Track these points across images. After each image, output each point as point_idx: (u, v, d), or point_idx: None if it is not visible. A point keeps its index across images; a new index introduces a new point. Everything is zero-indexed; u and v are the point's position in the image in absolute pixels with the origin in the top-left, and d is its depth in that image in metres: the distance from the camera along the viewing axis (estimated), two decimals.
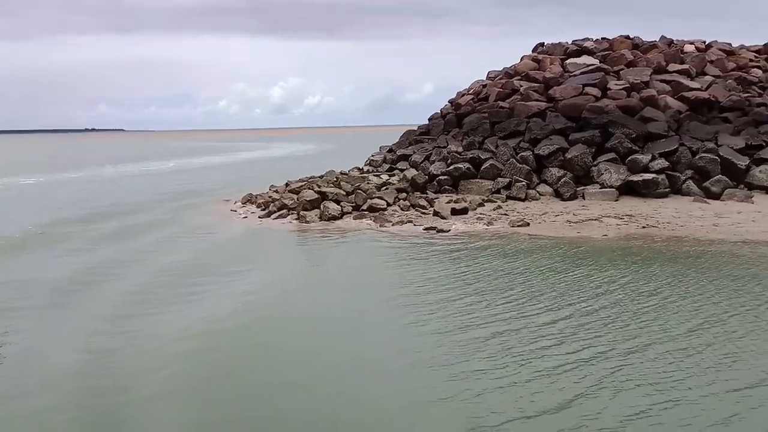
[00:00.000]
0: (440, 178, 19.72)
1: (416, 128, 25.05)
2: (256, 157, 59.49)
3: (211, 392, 6.47)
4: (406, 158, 22.21)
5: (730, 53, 25.99)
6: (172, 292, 10.31)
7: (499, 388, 6.40)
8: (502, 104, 21.74)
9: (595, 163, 18.74)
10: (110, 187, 29.15)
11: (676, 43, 25.03)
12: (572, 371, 6.75)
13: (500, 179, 18.96)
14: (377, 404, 6.17)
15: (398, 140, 25.15)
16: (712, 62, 24.70)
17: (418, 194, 19.17)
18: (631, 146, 18.66)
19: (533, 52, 25.34)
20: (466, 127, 21.92)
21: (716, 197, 17.65)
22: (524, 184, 18.43)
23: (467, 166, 19.48)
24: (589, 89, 20.98)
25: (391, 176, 21.42)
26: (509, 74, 24.04)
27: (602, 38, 24.30)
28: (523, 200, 18.23)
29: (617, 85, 21.05)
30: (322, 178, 23.13)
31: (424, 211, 17.71)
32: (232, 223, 17.78)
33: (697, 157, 18.45)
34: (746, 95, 22.99)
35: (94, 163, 52.72)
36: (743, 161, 18.68)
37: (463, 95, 24.91)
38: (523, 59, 24.71)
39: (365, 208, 18.01)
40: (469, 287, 10.28)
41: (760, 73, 25.26)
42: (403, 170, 21.58)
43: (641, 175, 17.94)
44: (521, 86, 22.20)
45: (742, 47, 28.07)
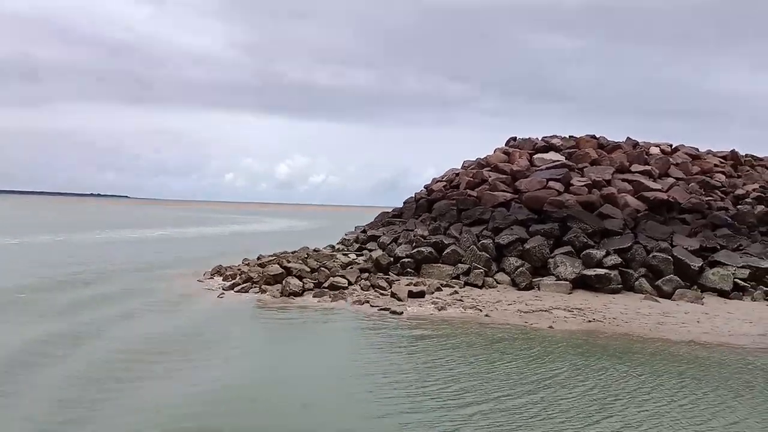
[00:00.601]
0: (404, 260, 20.23)
1: (391, 210, 25.81)
2: (247, 230, 60.20)
3: None
4: (375, 239, 22.80)
5: (695, 157, 27.20)
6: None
7: None
8: (470, 193, 22.58)
9: (552, 255, 19.31)
10: (86, 252, 29.48)
11: (641, 145, 26.23)
12: None
13: (461, 265, 19.47)
14: None
15: (373, 221, 25.85)
16: (677, 165, 25.83)
17: (380, 275, 19.63)
18: (586, 241, 19.30)
19: (506, 145, 26.49)
20: (435, 212, 22.67)
21: (668, 296, 18.10)
22: (482, 271, 18.93)
23: (430, 250, 20.05)
24: (552, 183, 21.87)
25: (359, 256, 21.94)
26: (481, 165, 25.06)
27: (570, 136, 25.49)
28: (480, 287, 18.67)
29: (580, 181, 21.96)
30: (294, 253, 23.65)
31: (382, 292, 18.11)
32: (192, 295, 18.01)
33: (650, 255, 19.04)
34: (708, 199, 23.92)
35: (80, 227, 53.31)
36: (696, 262, 19.26)
37: (437, 182, 25.83)
38: (495, 151, 25.80)
39: (326, 285, 18.40)
40: (388, 376, 10.55)
41: (723, 178, 26.38)
42: (371, 251, 22.10)
43: (595, 269, 18.48)
44: (490, 177, 23.12)
45: (709, 152, 29.39)
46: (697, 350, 13.06)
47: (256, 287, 18.54)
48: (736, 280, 19.09)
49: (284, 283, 18.23)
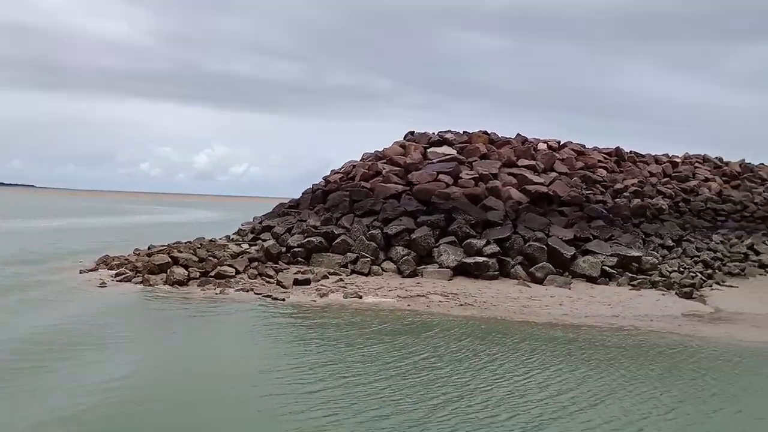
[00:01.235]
0: (295, 249, 20.51)
1: (288, 201, 25.98)
2: (151, 221, 58.49)
3: None
4: (270, 229, 22.93)
5: (580, 153, 28.88)
6: None
7: None
8: (363, 184, 23.11)
9: (437, 244, 20.12)
10: None
11: (530, 141, 27.61)
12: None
13: (350, 254, 19.96)
14: None
15: (270, 212, 25.93)
16: (563, 160, 27.35)
17: (270, 264, 19.81)
18: (469, 231, 20.23)
19: (404, 138, 27.21)
20: (329, 203, 23.05)
21: (539, 282, 19.29)
22: (369, 260, 19.50)
23: (320, 239, 20.42)
24: (442, 176, 22.73)
25: (252, 245, 22.01)
26: (378, 157, 25.64)
27: (464, 131, 26.50)
28: (366, 275, 19.23)
29: (468, 174, 22.93)
30: (187, 244, 23.40)
31: (269, 280, 18.33)
32: (72, 288, 17.49)
33: (527, 244, 20.21)
34: (588, 192, 25.52)
35: None
36: (569, 251, 20.60)
37: (335, 173, 26.20)
38: (393, 145, 26.45)
39: (213, 274, 18.41)
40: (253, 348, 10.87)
41: (605, 173, 28.17)
42: (265, 241, 22.21)
43: (474, 258, 19.43)
44: (384, 169, 23.73)
45: (595, 149, 31.25)
46: (553, 330, 14.08)
47: (139, 277, 18.31)
48: (604, 267, 20.57)
49: (168, 272, 18.11)
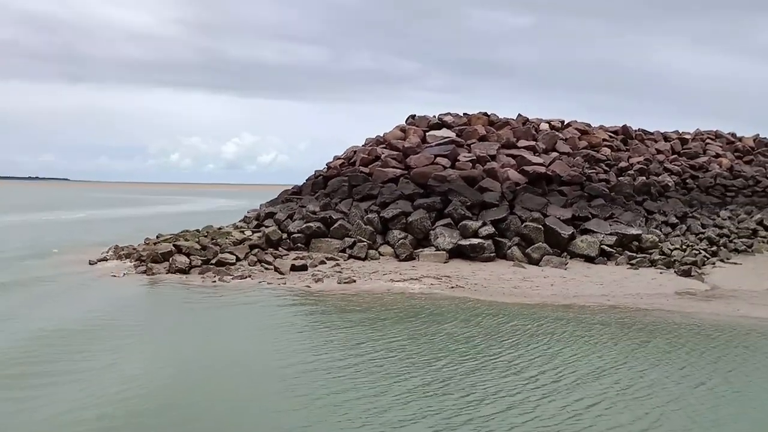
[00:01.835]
0: (295, 235, 20.86)
1: (291, 188, 26.34)
2: (173, 210, 59.57)
3: None
4: (272, 216, 23.31)
5: (584, 132, 28.68)
6: None
7: None
8: (362, 169, 23.33)
9: (433, 227, 20.30)
10: None
11: (532, 121, 27.48)
12: None
13: (347, 239, 20.25)
14: None
15: (274, 198, 26.31)
16: (566, 140, 27.21)
17: (270, 251, 20.20)
18: (464, 213, 20.36)
19: (405, 122, 27.30)
20: (329, 188, 23.35)
21: (536, 263, 19.37)
22: (366, 244, 19.76)
23: (318, 225, 20.74)
24: (440, 159, 22.84)
25: (255, 232, 22.43)
26: (378, 142, 25.81)
27: (464, 113, 26.49)
28: (363, 259, 19.51)
29: (466, 157, 23.00)
30: (195, 232, 23.94)
31: (267, 266, 18.73)
32: (78, 274, 18.20)
33: (523, 225, 20.27)
34: (591, 171, 25.40)
35: None
36: (567, 231, 20.61)
37: (337, 159, 26.46)
38: (394, 129, 26.57)
39: (214, 262, 18.88)
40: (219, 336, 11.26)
41: (609, 152, 27.96)
42: (268, 227, 22.62)
43: (470, 239, 19.57)
44: (383, 154, 23.91)
45: (601, 127, 30.99)
46: (540, 310, 14.20)
47: (143, 266, 18.84)
48: (603, 246, 20.56)
49: (171, 261, 18.62)
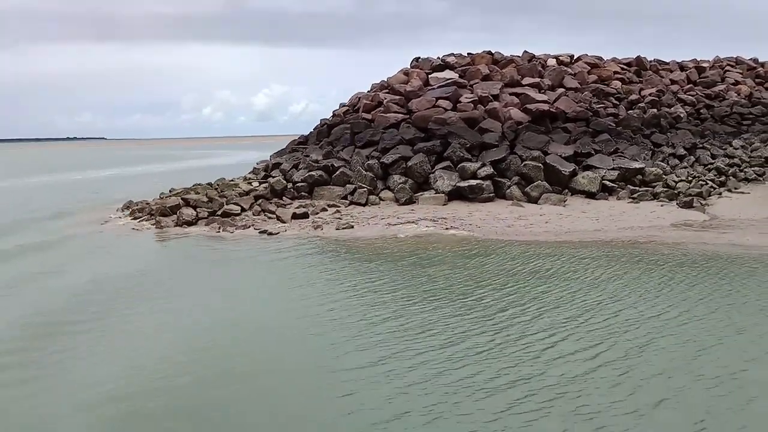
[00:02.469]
0: (298, 184, 21.29)
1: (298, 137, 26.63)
2: (199, 165, 60.55)
3: None
4: (278, 166, 23.74)
5: (594, 66, 28.07)
6: None
7: None
8: (364, 116, 23.43)
9: (433, 170, 20.46)
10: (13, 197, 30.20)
11: (539, 57, 26.96)
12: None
13: (349, 186, 20.60)
14: None
15: (282, 149, 26.67)
16: (574, 75, 26.71)
17: (275, 200, 20.71)
18: (463, 155, 20.43)
19: (410, 65, 27.09)
20: (332, 137, 23.57)
21: (534, 201, 19.46)
22: (366, 190, 20.08)
23: (320, 173, 21.10)
24: (441, 102, 22.75)
25: (261, 183, 22.95)
26: (382, 87, 25.74)
27: (468, 53, 26.11)
28: (363, 205, 19.88)
29: (467, 98, 22.85)
30: (208, 185, 24.59)
31: (270, 215, 19.28)
32: (91, 228, 19.06)
33: (522, 164, 20.27)
34: (599, 106, 25.01)
35: (24, 171, 53.51)
36: (568, 168, 20.55)
37: (343, 106, 26.54)
38: (398, 72, 26.41)
39: (219, 213, 19.51)
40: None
41: (620, 85, 27.38)
42: (275, 178, 23.09)
43: (468, 181, 19.70)
44: (385, 99, 23.90)
45: (613, 59, 30.24)
46: (526, 247, 14.41)
47: (152, 220, 19.59)
48: (604, 182, 20.47)
49: (177, 213, 19.30)
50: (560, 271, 12.02)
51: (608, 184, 20.42)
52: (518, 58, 26.28)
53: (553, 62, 26.77)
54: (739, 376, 7.03)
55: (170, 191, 24.61)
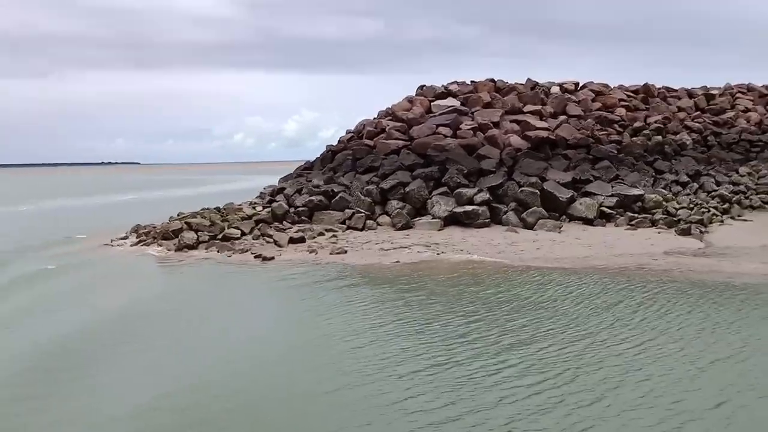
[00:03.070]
0: (299, 209, 21.65)
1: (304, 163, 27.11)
2: (222, 189, 61.54)
3: None
4: (283, 191, 24.17)
5: (599, 93, 28.15)
6: None
7: None
8: (366, 142, 23.83)
9: (431, 196, 20.68)
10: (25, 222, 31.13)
11: (542, 85, 27.15)
12: None
13: (347, 210, 20.90)
14: None
15: (288, 174, 27.16)
16: (578, 102, 26.84)
17: (275, 225, 21.08)
18: (460, 181, 20.63)
19: (415, 93, 27.50)
20: (335, 163, 23.98)
21: (531, 227, 19.52)
22: (363, 215, 20.35)
23: (320, 198, 21.45)
24: (442, 129, 23.06)
25: (265, 208, 23.37)
26: (387, 114, 26.16)
27: (471, 81, 26.46)
28: (361, 230, 20.14)
29: (467, 125, 23.11)
30: (216, 209, 25.09)
31: (268, 240, 19.62)
32: (92, 252, 19.56)
33: (519, 190, 20.38)
34: (603, 133, 25.07)
35: (50, 194, 55.13)
36: (565, 194, 20.61)
37: (349, 133, 26.99)
38: (402, 100, 26.83)
39: (220, 237, 19.93)
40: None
41: (624, 112, 27.39)
42: (278, 202, 23.50)
43: (464, 207, 19.87)
44: (388, 126, 24.29)
45: (620, 87, 30.30)
46: (509, 274, 14.48)
47: (155, 243, 20.09)
48: (602, 208, 20.47)
49: (179, 237, 19.77)
50: (530, 299, 12.06)
51: (606, 210, 20.40)
52: (521, 85, 26.53)
53: (556, 90, 26.95)
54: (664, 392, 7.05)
55: (178, 215, 25.18)
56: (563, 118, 24.79)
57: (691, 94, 31.16)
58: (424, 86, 27.65)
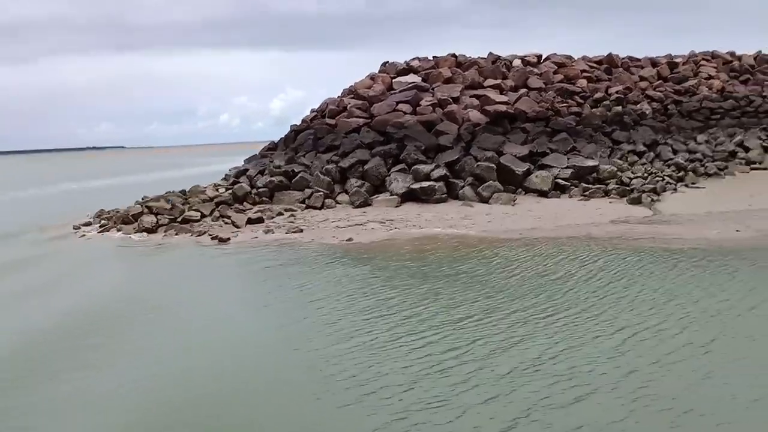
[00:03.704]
0: (260, 190, 21.81)
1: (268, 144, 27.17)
2: (198, 172, 61.38)
3: None
4: (246, 172, 24.28)
5: (561, 65, 28.30)
6: None
7: None
8: (328, 121, 23.92)
9: (389, 173, 20.89)
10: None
11: (504, 59, 27.26)
12: None
13: (307, 190, 21.09)
14: None
15: (254, 155, 27.23)
16: (540, 75, 26.99)
17: (236, 206, 21.24)
18: (417, 157, 20.84)
19: (378, 70, 27.52)
20: (296, 142, 24.09)
21: (486, 201, 19.81)
22: (322, 194, 20.55)
23: (280, 178, 21.60)
24: (402, 106, 23.18)
25: (228, 189, 23.49)
26: (350, 92, 26.20)
27: (433, 57, 26.50)
28: (319, 209, 20.36)
29: (427, 101, 23.24)
30: (182, 192, 25.17)
31: (226, 221, 19.81)
32: (55, 242, 19.67)
33: (476, 165, 20.62)
34: (563, 105, 25.29)
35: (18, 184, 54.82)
36: (522, 167, 20.88)
37: (313, 112, 27.04)
38: (365, 77, 26.86)
39: (180, 220, 20.08)
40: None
41: (585, 83, 27.59)
42: (240, 184, 23.61)
43: (421, 183, 20.10)
44: (349, 104, 24.37)
45: (584, 58, 30.45)
46: (450, 241, 14.85)
47: (115, 227, 20.22)
48: (557, 180, 20.78)
49: (139, 221, 19.92)
50: (466, 269, 12.40)
51: (561, 182, 20.72)
52: (482, 59, 26.62)
53: (518, 63, 27.07)
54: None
55: (143, 199, 25.25)
56: (524, 91, 24.96)
57: (654, 63, 31.38)
58: (387, 63, 27.68)
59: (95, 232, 20.63)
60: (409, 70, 25.75)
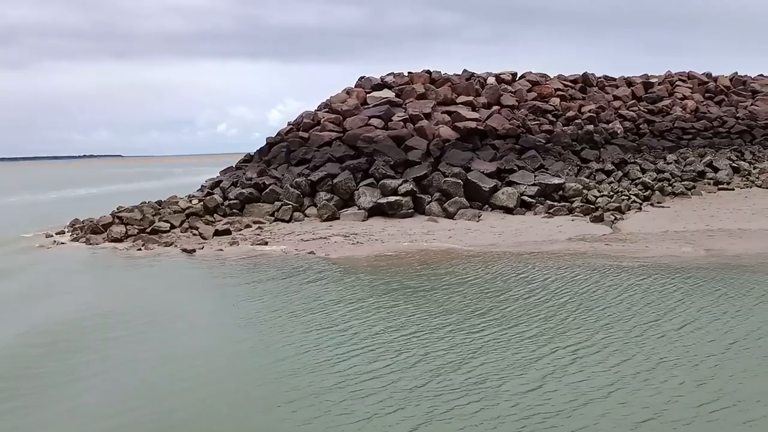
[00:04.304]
0: (231, 202, 22.03)
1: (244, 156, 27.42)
2: (182, 182, 61.55)
3: None
4: (220, 184, 24.51)
5: (535, 84, 28.73)
6: None
7: None
8: (301, 134, 24.22)
9: (357, 187, 21.15)
10: None
11: (479, 76, 27.67)
12: None
13: (277, 203, 21.32)
14: None
15: (230, 167, 27.47)
16: (514, 93, 27.40)
17: (206, 218, 21.45)
18: (386, 172, 21.12)
19: (355, 85, 27.87)
20: (270, 155, 24.36)
21: (451, 216, 20.09)
22: (291, 207, 20.79)
23: (251, 191, 21.85)
24: (374, 120, 23.51)
25: (201, 201, 23.69)
26: (326, 106, 26.53)
27: (408, 72, 26.89)
28: (287, 222, 20.58)
29: (399, 117, 23.58)
30: (156, 203, 25.36)
31: (194, 233, 20.01)
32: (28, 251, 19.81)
33: (443, 181, 20.92)
34: (535, 123, 25.67)
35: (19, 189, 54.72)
36: (488, 184, 21.19)
37: (289, 125, 27.33)
38: (341, 92, 27.20)
39: (149, 230, 20.27)
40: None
41: (558, 102, 28.01)
42: (212, 195, 23.83)
43: (388, 197, 20.38)
44: (323, 118, 24.69)
45: (559, 77, 30.91)
46: (407, 257, 15.09)
47: (84, 237, 20.39)
48: (523, 197, 21.08)
49: (108, 231, 20.10)
50: (416, 286, 12.65)
51: (527, 199, 21.02)
52: (456, 76, 27.03)
53: (492, 80, 27.48)
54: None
55: (117, 208, 25.41)
56: (496, 108, 25.34)
57: (630, 82, 31.91)
58: (363, 77, 28.04)
59: (67, 241, 20.83)
60: (383, 85, 26.12)
